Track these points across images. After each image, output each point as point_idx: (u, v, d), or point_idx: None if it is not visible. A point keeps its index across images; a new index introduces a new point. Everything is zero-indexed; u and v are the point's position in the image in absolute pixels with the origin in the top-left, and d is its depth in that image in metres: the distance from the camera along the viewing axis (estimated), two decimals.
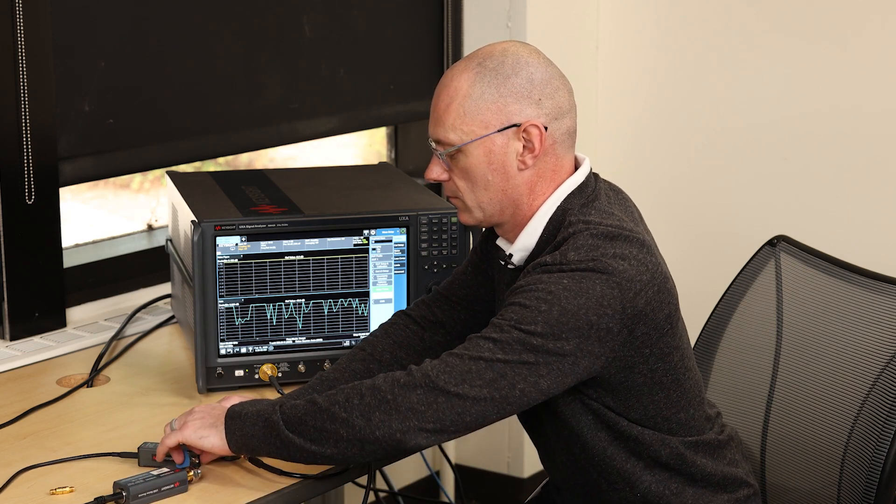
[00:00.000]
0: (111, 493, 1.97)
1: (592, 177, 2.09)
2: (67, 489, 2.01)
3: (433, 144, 2.06)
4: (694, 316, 2.55)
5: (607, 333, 1.92)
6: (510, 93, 2.00)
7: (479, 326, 2.26)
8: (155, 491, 1.97)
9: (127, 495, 1.95)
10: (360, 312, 2.47)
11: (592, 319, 1.91)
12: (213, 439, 2.00)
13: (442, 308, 2.30)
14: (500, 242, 2.13)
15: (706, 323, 2.49)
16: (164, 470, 2.01)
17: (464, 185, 2.05)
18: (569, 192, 2.05)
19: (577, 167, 2.09)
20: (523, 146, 2.01)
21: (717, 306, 2.47)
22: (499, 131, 2.00)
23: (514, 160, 2.02)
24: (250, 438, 1.98)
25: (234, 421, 1.99)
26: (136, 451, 2.11)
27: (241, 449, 2.00)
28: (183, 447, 2.03)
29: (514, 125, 2.00)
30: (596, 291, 1.91)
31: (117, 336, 2.69)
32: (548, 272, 1.94)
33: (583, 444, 2.06)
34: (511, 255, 2.08)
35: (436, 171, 2.07)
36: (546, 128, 2.01)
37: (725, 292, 2.47)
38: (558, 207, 2.04)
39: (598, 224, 1.98)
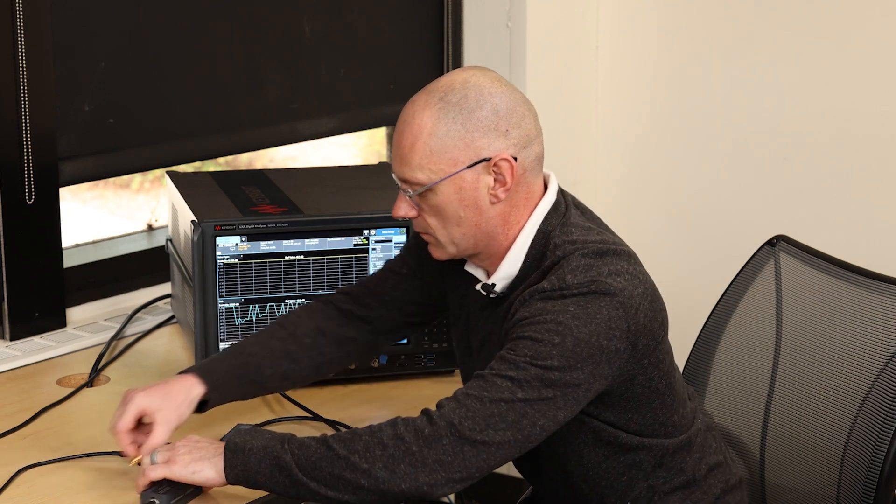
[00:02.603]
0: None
1: (560, 193, 2.06)
2: None
3: (399, 183, 2.00)
4: (694, 316, 2.55)
5: (615, 353, 1.92)
6: (476, 127, 1.94)
7: (407, 328, 2.28)
8: (181, 496, 1.96)
9: None
10: None
11: (603, 344, 1.90)
12: (207, 472, 1.93)
13: (370, 305, 2.24)
14: (473, 269, 2.09)
15: (706, 323, 2.48)
16: None
17: (435, 223, 2.00)
18: (544, 214, 2.02)
19: (545, 185, 2.05)
20: (494, 179, 1.96)
21: (716, 306, 2.47)
22: (468, 167, 1.95)
23: (485, 195, 1.97)
24: (254, 474, 1.91)
25: (237, 455, 1.92)
26: None
27: (239, 481, 1.93)
28: None
29: (484, 160, 1.95)
30: (603, 315, 1.90)
31: (117, 336, 2.69)
32: (549, 299, 1.92)
33: (578, 459, 2.05)
34: (493, 285, 2.04)
35: (403, 209, 2.01)
36: (516, 158, 1.96)
37: (725, 292, 2.47)
38: (538, 231, 2.01)
39: (584, 242, 1.96)
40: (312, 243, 2.42)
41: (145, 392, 2.06)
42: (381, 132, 3.68)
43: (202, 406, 2.11)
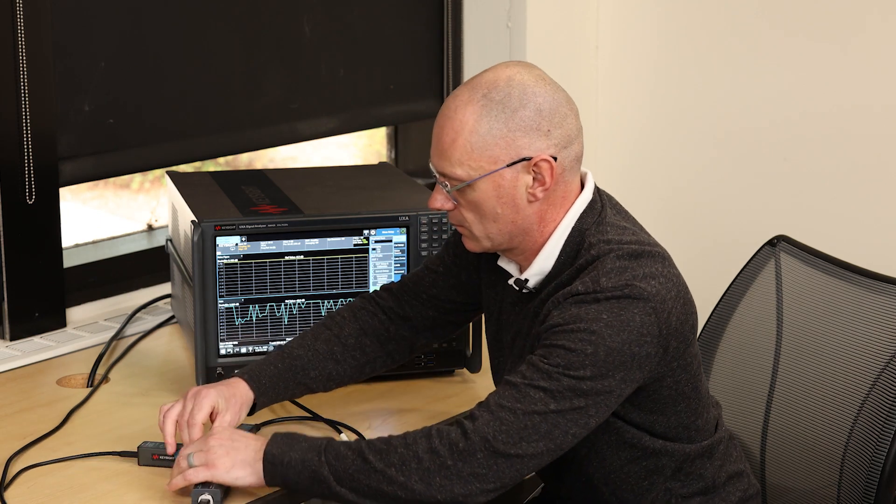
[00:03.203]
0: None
1: (596, 191, 2.06)
2: None
3: (438, 176, 2.01)
4: None
5: (646, 358, 1.92)
6: (518, 127, 1.94)
7: (447, 326, 2.29)
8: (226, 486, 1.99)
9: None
10: None
11: (635, 350, 1.90)
12: (249, 479, 1.96)
13: (410, 303, 2.27)
14: (505, 264, 2.10)
15: (706, 323, 2.49)
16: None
17: (472, 217, 2.01)
18: (580, 212, 2.02)
19: (581, 183, 2.06)
20: (533, 179, 1.97)
21: (717, 306, 2.48)
22: (508, 166, 1.96)
23: (523, 193, 1.98)
24: (293, 484, 1.94)
25: (276, 468, 1.94)
26: (136, 450, 2.11)
27: (278, 486, 1.97)
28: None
29: (524, 159, 1.96)
30: (636, 322, 1.90)
31: (117, 336, 2.69)
32: (583, 303, 1.91)
33: (600, 462, 2.05)
34: (526, 280, 2.04)
35: (440, 201, 2.02)
36: (556, 158, 1.96)
37: (725, 292, 2.47)
38: (573, 229, 2.01)
39: (620, 242, 1.96)
40: (312, 243, 2.42)
41: (216, 390, 2.11)
42: (381, 132, 3.68)
43: (251, 408, 2.17)
